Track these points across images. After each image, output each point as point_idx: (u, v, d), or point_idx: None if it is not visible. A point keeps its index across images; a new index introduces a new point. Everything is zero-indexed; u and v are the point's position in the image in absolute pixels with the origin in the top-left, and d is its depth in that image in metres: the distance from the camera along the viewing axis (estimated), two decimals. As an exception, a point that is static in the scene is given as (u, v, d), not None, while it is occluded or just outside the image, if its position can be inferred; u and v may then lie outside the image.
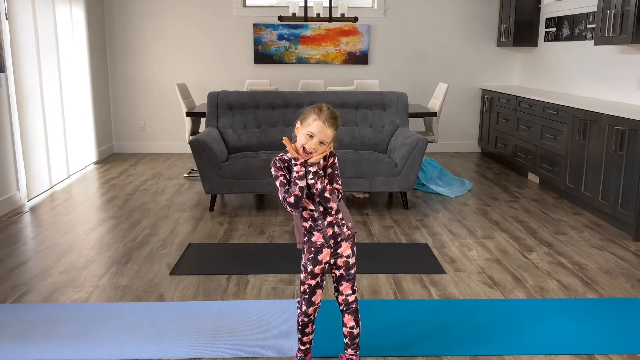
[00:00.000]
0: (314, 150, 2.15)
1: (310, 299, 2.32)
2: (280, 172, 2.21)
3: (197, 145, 4.65)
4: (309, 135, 2.14)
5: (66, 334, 2.75)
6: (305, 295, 2.32)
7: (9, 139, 4.89)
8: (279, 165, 2.22)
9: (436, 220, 4.66)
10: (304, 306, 2.33)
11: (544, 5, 6.77)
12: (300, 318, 2.36)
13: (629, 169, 4.19)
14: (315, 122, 2.14)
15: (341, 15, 6.13)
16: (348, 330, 2.40)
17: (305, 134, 2.15)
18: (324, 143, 2.16)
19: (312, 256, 2.29)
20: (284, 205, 2.20)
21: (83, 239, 4.16)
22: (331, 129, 2.15)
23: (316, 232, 2.28)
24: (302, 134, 2.17)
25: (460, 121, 7.74)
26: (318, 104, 2.20)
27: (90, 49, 6.84)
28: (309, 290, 2.32)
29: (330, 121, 2.15)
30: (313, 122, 2.14)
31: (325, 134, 2.14)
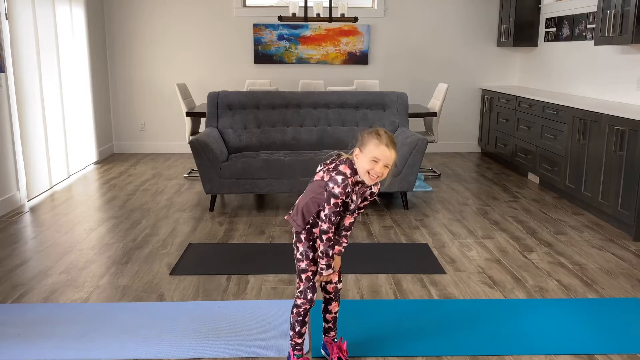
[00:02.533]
0: (380, 174, 2.16)
1: (314, 286, 2.36)
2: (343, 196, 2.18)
3: (197, 145, 4.66)
4: (374, 160, 2.15)
5: (66, 334, 2.75)
6: (310, 282, 2.35)
7: (9, 139, 4.90)
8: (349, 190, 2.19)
9: (436, 220, 4.66)
10: (309, 294, 2.35)
11: (544, 5, 6.77)
12: (304, 307, 2.37)
13: (629, 169, 4.19)
14: (379, 148, 2.14)
15: (341, 15, 6.13)
16: (333, 316, 2.51)
17: (370, 160, 2.15)
18: (387, 166, 2.18)
19: (311, 244, 2.33)
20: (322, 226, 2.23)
21: (83, 239, 4.16)
22: (393, 151, 2.17)
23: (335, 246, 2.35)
24: (365, 160, 2.16)
25: (460, 121, 7.74)
26: (374, 129, 2.21)
27: (90, 48, 6.84)
28: (312, 277, 2.35)
29: (391, 145, 2.17)
30: (376, 148, 2.14)
31: (389, 157, 2.16)
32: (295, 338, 2.43)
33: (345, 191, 2.18)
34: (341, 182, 2.17)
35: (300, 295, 2.37)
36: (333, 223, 2.23)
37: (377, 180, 2.19)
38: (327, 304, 2.50)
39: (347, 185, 2.18)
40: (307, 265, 2.34)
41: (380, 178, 2.18)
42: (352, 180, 2.20)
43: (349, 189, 2.19)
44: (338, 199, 2.18)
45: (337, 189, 2.17)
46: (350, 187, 2.20)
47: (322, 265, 2.28)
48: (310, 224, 2.31)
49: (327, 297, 2.49)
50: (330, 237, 2.25)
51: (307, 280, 2.35)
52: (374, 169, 2.15)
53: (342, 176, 2.18)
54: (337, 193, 2.17)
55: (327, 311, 2.51)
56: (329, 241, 2.25)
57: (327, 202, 2.19)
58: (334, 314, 2.52)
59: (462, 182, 6.00)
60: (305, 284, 2.36)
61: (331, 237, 2.25)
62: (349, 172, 2.20)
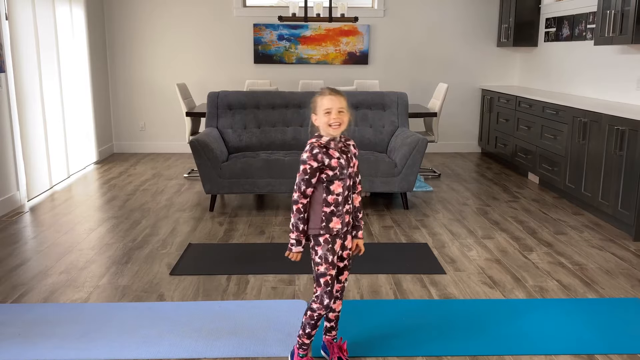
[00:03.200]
0: (339, 120, 2.23)
1: (332, 291, 2.32)
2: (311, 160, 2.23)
3: (197, 145, 4.66)
4: (327, 112, 2.23)
5: (66, 334, 2.75)
6: (328, 287, 2.30)
7: (9, 139, 4.90)
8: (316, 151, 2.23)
9: (436, 220, 4.66)
10: (326, 299, 2.30)
11: (544, 5, 6.77)
12: (318, 312, 2.32)
13: (629, 169, 4.19)
14: (324, 98, 2.24)
15: (341, 16, 6.13)
16: (336, 315, 2.49)
17: (323, 113, 2.23)
18: (342, 111, 2.24)
19: (330, 246, 2.29)
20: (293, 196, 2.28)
21: (83, 239, 4.16)
22: (339, 96, 2.25)
23: (335, 218, 2.29)
24: (320, 117, 2.25)
25: (460, 121, 7.74)
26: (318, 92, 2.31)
27: (90, 48, 6.84)
28: (331, 281, 2.32)
29: (334, 91, 2.26)
30: (322, 100, 2.24)
31: (338, 101, 2.24)
32: (303, 338, 2.40)
33: (312, 154, 2.23)
34: (308, 148, 2.25)
35: (316, 300, 2.32)
36: (302, 192, 2.24)
37: (340, 127, 2.25)
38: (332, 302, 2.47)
39: (313, 148, 2.24)
40: (327, 269, 2.29)
41: (343, 124, 2.25)
42: (319, 143, 2.26)
43: (316, 151, 2.23)
44: (306, 164, 2.23)
45: (304, 155, 2.24)
46: (318, 149, 2.24)
47: (292, 240, 2.28)
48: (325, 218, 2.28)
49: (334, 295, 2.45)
50: (300, 208, 2.25)
51: (325, 284, 2.30)
52: (330, 119, 2.23)
53: (308, 145, 2.27)
54: (305, 158, 2.23)
55: (330, 310, 2.48)
56: (299, 212, 2.25)
57: (298, 171, 2.25)
58: (337, 312, 2.49)
59: (462, 182, 6.00)
60: (322, 289, 2.30)
61: (301, 209, 2.25)
62: (314, 139, 2.28)
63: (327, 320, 2.52)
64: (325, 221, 2.27)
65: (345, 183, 2.29)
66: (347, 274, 2.45)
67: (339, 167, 2.26)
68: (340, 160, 2.26)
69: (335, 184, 2.27)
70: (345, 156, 2.30)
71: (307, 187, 2.25)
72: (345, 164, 2.28)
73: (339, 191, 2.28)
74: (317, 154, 2.23)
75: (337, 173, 2.25)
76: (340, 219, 2.30)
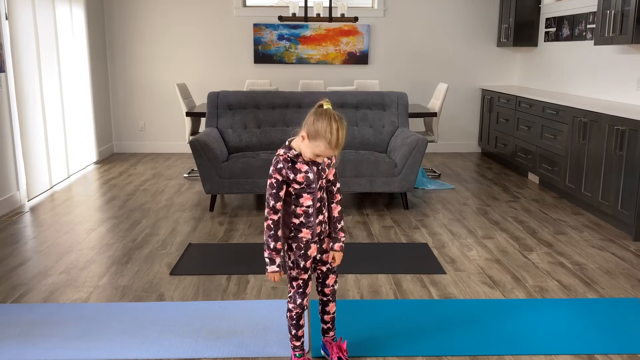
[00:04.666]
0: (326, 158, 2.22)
1: (305, 292, 2.35)
2: (276, 174, 2.17)
3: (197, 145, 4.66)
4: (317, 154, 2.13)
5: (66, 334, 2.75)
6: (300, 289, 2.34)
7: (9, 139, 4.90)
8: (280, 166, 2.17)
9: (436, 220, 4.66)
10: (298, 299, 2.34)
11: (544, 5, 6.77)
12: (295, 312, 2.36)
13: (629, 169, 4.19)
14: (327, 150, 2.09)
15: (341, 15, 6.13)
16: (331, 317, 2.50)
17: (313, 153, 2.12)
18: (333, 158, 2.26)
19: (302, 252, 2.29)
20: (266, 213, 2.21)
21: (83, 239, 4.16)
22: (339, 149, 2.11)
23: (305, 229, 2.26)
24: (309, 149, 2.12)
25: (460, 121, 7.74)
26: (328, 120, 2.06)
27: (90, 48, 6.84)
28: (303, 284, 2.34)
29: (340, 147, 2.11)
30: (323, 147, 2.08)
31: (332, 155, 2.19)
32: (293, 341, 2.43)
33: (277, 168, 2.15)
34: (274, 161, 2.18)
35: (290, 300, 2.37)
36: (272, 207, 2.18)
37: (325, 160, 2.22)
38: (324, 305, 2.48)
39: (277, 162, 2.16)
40: (298, 273, 2.32)
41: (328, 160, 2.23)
42: (286, 157, 2.17)
43: (280, 165, 2.15)
44: (271, 178, 2.17)
45: (270, 169, 2.18)
46: (283, 164, 2.16)
47: (266, 259, 2.23)
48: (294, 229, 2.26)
49: (325, 299, 2.47)
50: (270, 224, 2.19)
51: (297, 287, 2.34)
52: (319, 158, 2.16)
53: (275, 157, 2.19)
54: (270, 172, 2.18)
55: (324, 312, 2.50)
56: (269, 229, 2.20)
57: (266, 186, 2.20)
58: (332, 314, 2.50)
59: (462, 182, 6.00)
60: (294, 290, 2.35)
61: (271, 225, 2.19)
62: (282, 151, 2.19)
63: (322, 322, 2.53)
64: (294, 231, 2.26)
65: (315, 196, 2.23)
66: (335, 277, 2.44)
67: (306, 182, 2.19)
68: (308, 175, 2.18)
69: (303, 196, 2.22)
70: (316, 168, 2.21)
71: (276, 201, 2.18)
72: (315, 177, 2.20)
73: (308, 203, 2.23)
74: (281, 169, 2.16)
75: (304, 187, 2.20)
76: (311, 230, 2.26)
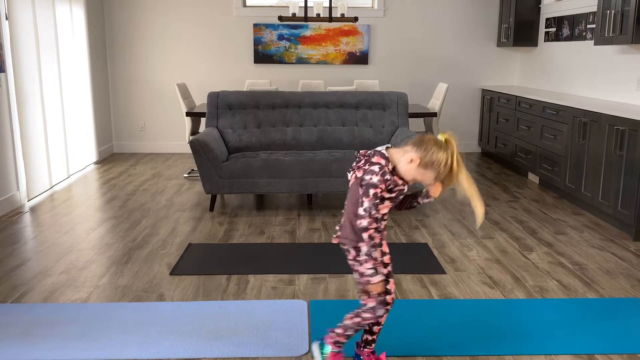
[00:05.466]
0: None
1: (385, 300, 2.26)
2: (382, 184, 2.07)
3: (197, 145, 4.65)
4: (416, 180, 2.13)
5: (66, 334, 2.75)
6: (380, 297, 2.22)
7: (9, 139, 4.89)
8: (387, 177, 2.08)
9: (436, 220, 4.66)
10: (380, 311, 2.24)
11: (544, 5, 6.77)
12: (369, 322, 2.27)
13: (629, 169, 4.19)
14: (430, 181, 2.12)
15: (341, 15, 6.13)
16: (379, 328, 2.42)
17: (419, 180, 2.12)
18: None
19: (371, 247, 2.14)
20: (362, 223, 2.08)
21: (83, 239, 4.16)
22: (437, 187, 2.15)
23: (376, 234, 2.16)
24: (413, 171, 2.10)
25: (460, 121, 7.73)
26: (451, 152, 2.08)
27: (90, 48, 6.84)
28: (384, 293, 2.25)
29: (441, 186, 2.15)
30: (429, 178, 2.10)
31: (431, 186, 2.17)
32: (342, 337, 2.33)
33: (383, 178, 2.06)
34: (378, 171, 2.07)
35: (370, 311, 2.24)
36: (373, 217, 2.08)
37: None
38: None
39: (385, 172, 2.07)
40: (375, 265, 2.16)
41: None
42: (389, 169, 2.10)
43: (387, 177, 2.07)
44: (377, 188, 2.06)
45: (375, 178, 2.06)
46: (389, 175, 2.08)
47: (369, 271, 2.10)
48: None
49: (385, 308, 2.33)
50: (372, 234, 2.09)
51: (378, 295, 2.21)
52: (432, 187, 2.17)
53: (378, 165, 2.09)
54: (377, 182, 2.06)
55: (377, 323, 2.38)
56: (371, 239, 2.09)
57: (366, 195, 2.06)
58: (381, 325, 2.40)
59: (462, 182, 5.99)
60: (375, 300, 2.21)
61: (373, 235, 2.09)
62: (384, 162, 2.10)
63: (369, 333, 2.42)
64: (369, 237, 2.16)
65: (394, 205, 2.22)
66: (393, 282, 2.34)
67: (399, 194, 2.16)
68: (403, 189, 2.16)
69: (384, 204, 2.15)
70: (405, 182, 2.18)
71: (377, 210, 2.10)
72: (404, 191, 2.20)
73: (385, 211, 2.17)
74: (387, 180, 2.08)
75: (393, 197, 2.15)
76: (381, 235, 2.22)
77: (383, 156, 2.12)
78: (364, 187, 2.08)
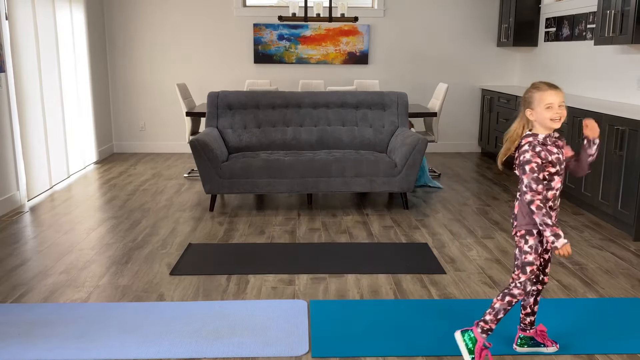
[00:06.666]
0: (561, 113, 2.30)
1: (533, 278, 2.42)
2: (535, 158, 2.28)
3: (197, 145, 4.66)
4: (548, 106, 2.28)
5: (66, 334, 2.75)
6: (532, 275, 2.39)
7: (9, 139, 4.90)
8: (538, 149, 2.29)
9: (436, 220, 4.66)
10: (529, 286, 2.40)
11: (544, 5, 6.77)
12: (519, 298, 2.41)
13: (629, 169, 4.19)
14: (545, 93, 2.28)
15: (341, 15, 6.14)
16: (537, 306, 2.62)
17: (545, 109, 2.28)
18: (563, 105, 2.31)
19: (541, 238, 2.38)
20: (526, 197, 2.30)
21: (83, 239, 4.16)
22: (559, 90, 2.30)
23: (552, 212, 2.38)
24: (540, 112, 2.29)
25: (460, 121, 7.74)
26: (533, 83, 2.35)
27: (90, 48, 6.84)
28: (536, 271, 2.41)
29: (553, 86, 2.30)
30: (543, 95, 2.28)
31: (559, 96, 2.29)
32: (492, 323, 2.45)
33: (535, 152, 2.28)
34: (528, 147, 2.29)
35: (519, 286, 2.39)
36: (535, 190, 2.28)
37: (560, 121, 2.31)
38: (537, 295, 2.56)
39: (534, 146, 2.29)
40: (535, 259, 2.38)
41: (563, 118, 2.31)
42: (538, 141, 2.31)
43: (538, 149, 2.29)
44: (531, 162, 2.28)
45: (527, 155, 2.29)
46: (540, 147, 2.29)
47: (551, 238, 2.26)
48: None
49: (540, 288, 2.55)
50: (540, 204, 2.27)
51: (531, 273, 2.38)
52: (553, 113, 2.28)
53: (526, 144, 2.31)
54: (529, 157, 2.28)
55: (535, 303, 2.57)
56: (540, 209, 2.27)
57: (523, 172, 2.30)
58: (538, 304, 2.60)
59: (462, 182, 6.00)
60: (527, 276, 2.38)
61: (540, 205, 2.27)
62: (531, 138, 2.32)
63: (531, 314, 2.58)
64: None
65: (562, 177, 2.36)
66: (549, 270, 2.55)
67: (558, 163, 2.32)
68: (559, 156, 2.33)
69: (555, 179, 2.35)
70: (561, 150, 2.36)
71: (538, 184, 2.29)
72: (563, 159, 2.36)
73: (558, 186, 2.37)
74: (540, 152, 2.29)
75: (558, 169, 2.32)
76: (556, 212, 2.41)
77: (525, 136, 2.35)
78: (521, 167, 2.32)
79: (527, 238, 2.38)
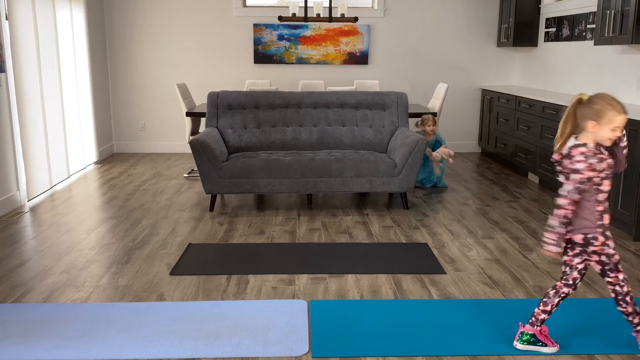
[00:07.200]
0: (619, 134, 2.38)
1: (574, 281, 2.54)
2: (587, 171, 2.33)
3: (197, 145, 4.66)
4: (614, 129, 2.33)
5: (66, 334, 2.75)
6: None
7: (9, 139, 4.90)
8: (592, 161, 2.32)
9: (436, 220, 4.66)
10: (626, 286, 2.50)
11: (544, 5, 6.77)
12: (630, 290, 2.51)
13: (629, 169, 4.19)
14: (619, 117, 2.32)
15: (341, 16, 6.13)
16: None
17: (610, 129, 2.33)
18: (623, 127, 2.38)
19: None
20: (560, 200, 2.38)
21: (83, 239, 4.16)
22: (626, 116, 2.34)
23: (606, 215, 2.43)
24: (604, 130, 2.33)
25: (460, 121, 7.74)
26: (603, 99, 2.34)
27: (90, 48, 6.84)
28: None
29: (624, 108, 2.34)
30: (616, 117, 2.32)
31: (624, 121, 2.35)
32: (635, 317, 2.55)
33: (589, 164, 2.32)
34: (581, 157, 2.33)
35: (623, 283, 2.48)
36: (572, 199, 2.34)
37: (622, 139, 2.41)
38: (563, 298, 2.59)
39: (588, 157, 2.33)
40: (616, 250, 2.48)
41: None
42: (592, 152, 2.34)
43: (592, 160, 2.33)
44: (582, 174, 2.32)
45: (579, 165, 2.33)
46: (594, 159, 2.33)
47: (551, 240, 2.39)
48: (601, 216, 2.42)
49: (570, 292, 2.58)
50: (568, 214, 2.36)
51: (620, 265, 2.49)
52: (614, 135, 2.34)
53: (579, 154, 2.34)
54: (582, 168, 2.33)
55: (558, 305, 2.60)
56: (564, 218, 2.37)
57: (570, 179, 2.35)
58: None
59: (462, 182, 6.00)
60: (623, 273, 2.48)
61: (568, 216, 2.36)
62: (584, 148, 2.35)
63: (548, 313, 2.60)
64: (602, 219, 2.43)
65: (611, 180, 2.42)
66: None
67: (609, 168, 2.38)
68: (609, 160, 2.38)
69: (604, 183, 2.39)
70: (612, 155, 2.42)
71: (578, 194, 2.36)
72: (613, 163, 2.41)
73: (608, 188, 2.41)
74: (592, 165, 2.33)
75: (608, 174, 2.38)
76: (608, 213, 2.45)
77: (576, 146, 2.37)
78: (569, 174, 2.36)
79: (607, 243, 2.44)
